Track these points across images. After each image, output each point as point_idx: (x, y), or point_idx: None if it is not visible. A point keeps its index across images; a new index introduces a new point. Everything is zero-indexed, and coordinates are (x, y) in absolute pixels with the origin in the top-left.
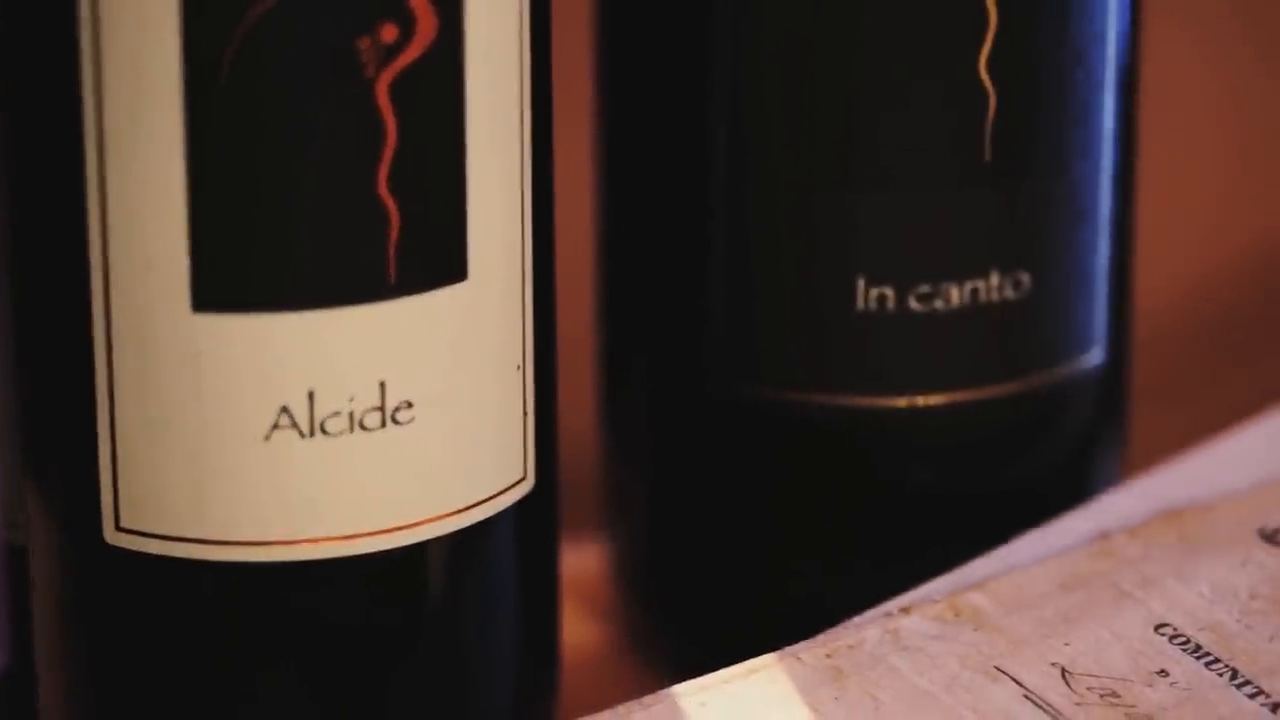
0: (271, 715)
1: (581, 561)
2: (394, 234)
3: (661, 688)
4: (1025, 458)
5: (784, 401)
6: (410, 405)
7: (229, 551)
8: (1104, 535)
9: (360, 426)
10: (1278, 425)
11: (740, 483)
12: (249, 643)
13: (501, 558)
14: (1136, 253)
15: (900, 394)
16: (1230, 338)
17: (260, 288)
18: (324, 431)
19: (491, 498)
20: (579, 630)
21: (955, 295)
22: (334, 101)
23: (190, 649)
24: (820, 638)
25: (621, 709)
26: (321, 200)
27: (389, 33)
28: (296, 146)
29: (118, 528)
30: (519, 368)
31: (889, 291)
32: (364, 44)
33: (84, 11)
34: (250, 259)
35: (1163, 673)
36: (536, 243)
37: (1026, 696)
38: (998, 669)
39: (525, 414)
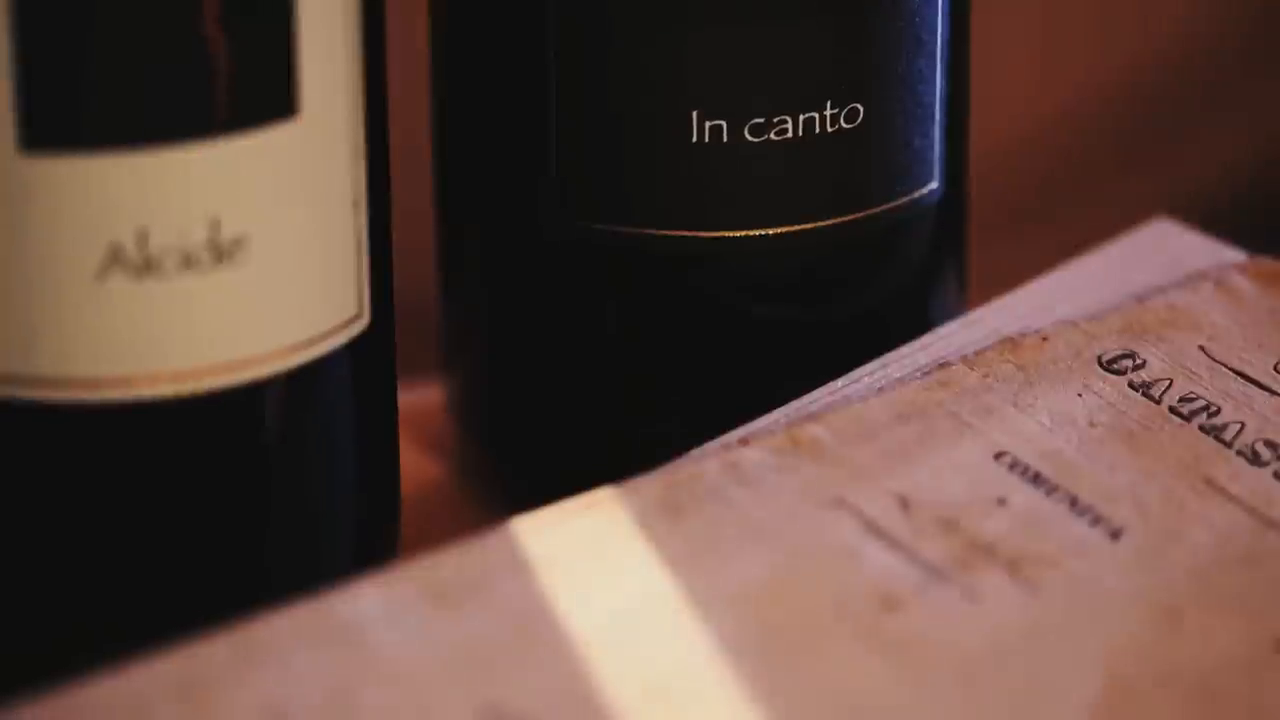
0: (113, 558)
1: (421, 399)
2: (223, 71)
3: (500, 523)
4: (864, 290)
5: (621, 236)
6: (244, 242)
7: (63, 391)
8: (942, 365)
9: (193, 264)
10: (1114, 255)
11: (578, 319)
12: (86, 484)
13: (338, 395)
14: (973, 87)
15: (737, 226)
16: (1069, 172)
17: (88, 127)
18: (157, 269)
19: (327, 334)
20: (418, 466)
21: (790, 127)
22: None
23: (29, 493)
24: (659, 471)
25: (461, 544)
26: (148, 38)
27: None
28: None
29: None
30: (354, 204)
31: (724, 124)
32: None
33: None
34: (77, 98)
35: (1002, 501)
36: (370, 80)
37: (866, 527)
38: (837, 500)
39: (360, 251)
